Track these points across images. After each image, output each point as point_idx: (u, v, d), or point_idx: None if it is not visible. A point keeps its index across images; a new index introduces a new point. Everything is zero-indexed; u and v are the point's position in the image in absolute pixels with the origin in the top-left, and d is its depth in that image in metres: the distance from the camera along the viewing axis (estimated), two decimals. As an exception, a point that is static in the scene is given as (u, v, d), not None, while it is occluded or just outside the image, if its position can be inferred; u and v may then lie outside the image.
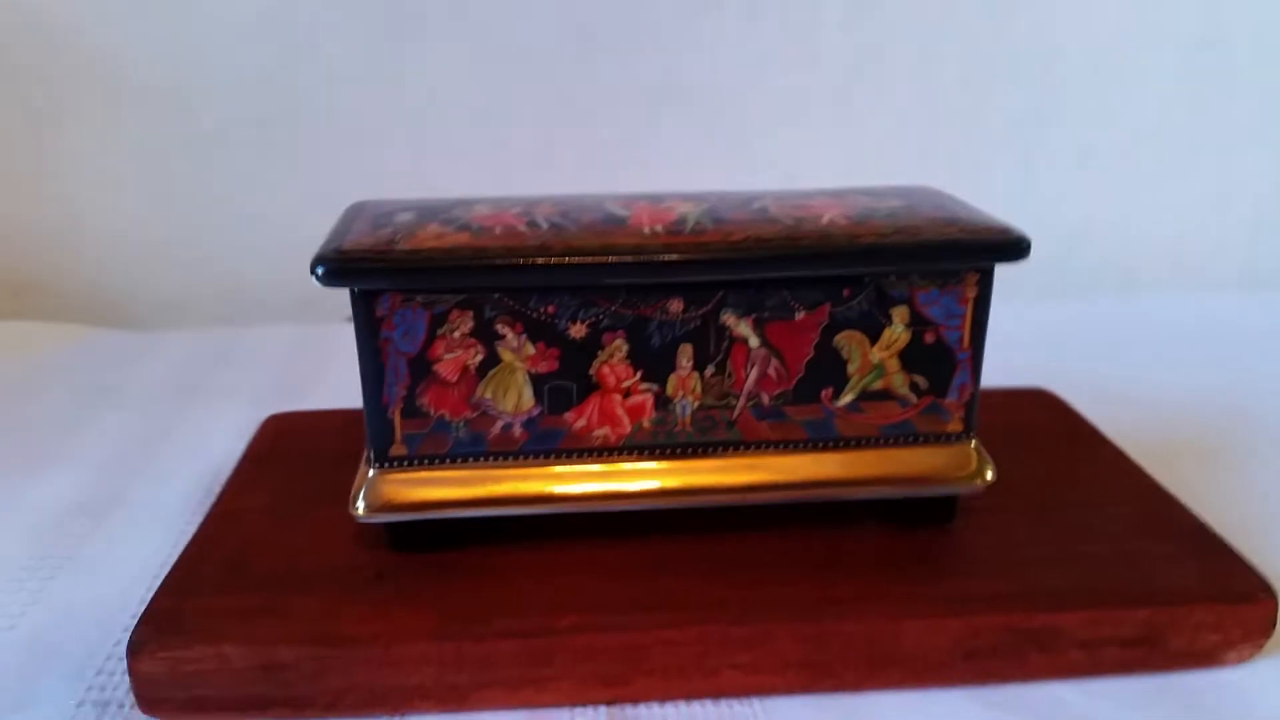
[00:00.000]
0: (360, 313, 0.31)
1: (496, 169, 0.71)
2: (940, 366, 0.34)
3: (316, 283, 0.30)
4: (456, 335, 0.31)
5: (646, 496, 0.33)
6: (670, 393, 0.33)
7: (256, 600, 0.31)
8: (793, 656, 0.31)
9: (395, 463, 0.33)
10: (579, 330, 0.32)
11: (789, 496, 0.34)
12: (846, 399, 0.33)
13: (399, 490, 0.33)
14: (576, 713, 0.31)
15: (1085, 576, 0.33)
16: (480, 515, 0.33)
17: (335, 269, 0.30)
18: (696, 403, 0.33)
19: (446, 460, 0.33)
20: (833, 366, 0.33)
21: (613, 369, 0.32)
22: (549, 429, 0.33)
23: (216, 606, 0.31)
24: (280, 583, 0.32)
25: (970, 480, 0.34)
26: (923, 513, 0.36)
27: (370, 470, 0.33)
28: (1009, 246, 0.32)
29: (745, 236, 0.31)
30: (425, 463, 0.33)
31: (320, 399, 0.49)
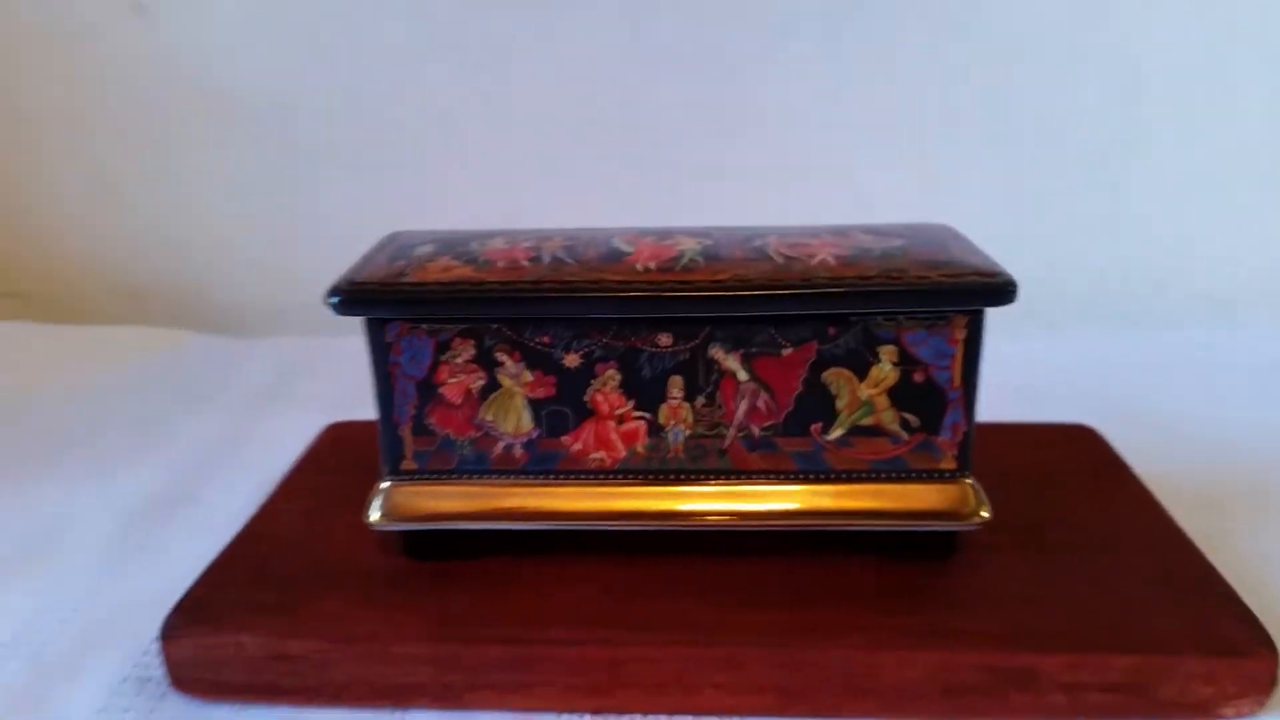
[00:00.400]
0: (372, 339, 0.34)
1: (572, 193, 0.74)
2: (931, 405, 0.34)
3: (330, 311, 0.33)
4: (459, 361, 0.34)
5: (638, 518, 0.35)
6: (662, 421, 0.34)
7: (276, 596, 0.35)
8: (767, 681, 0.32)
9: (406, 476, 0.35)
10: (573, 360, 0.34)
11: (778, 525, 0.35)
12: (836, 433, 0.34)
13: (409, 501, 0.35)
14: (563, 719, 0.33)
15: (1072, 619, 0.33)
16: (483, 528, 0.35)
17: (347, 299, 0.33)
18: (688, 431, 0.35)
19: (453, 475, 0.35)
20: (822, 401, 0.34)
21: (606, 397, 0.34)
22: (547, 451, 0.35)
23: (241, 599, 0.34)
24: (301, 581, 0.35)
25: (963, 518, 0.35)
26: (919, 548, 0.36)
27: (384, 482, 0.36)
28: (993, 291, 0.32)
29: (730, 276, 0.33)
30: (433, 477, 0.35)
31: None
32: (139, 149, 0.78)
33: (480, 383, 0.34)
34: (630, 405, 0.34)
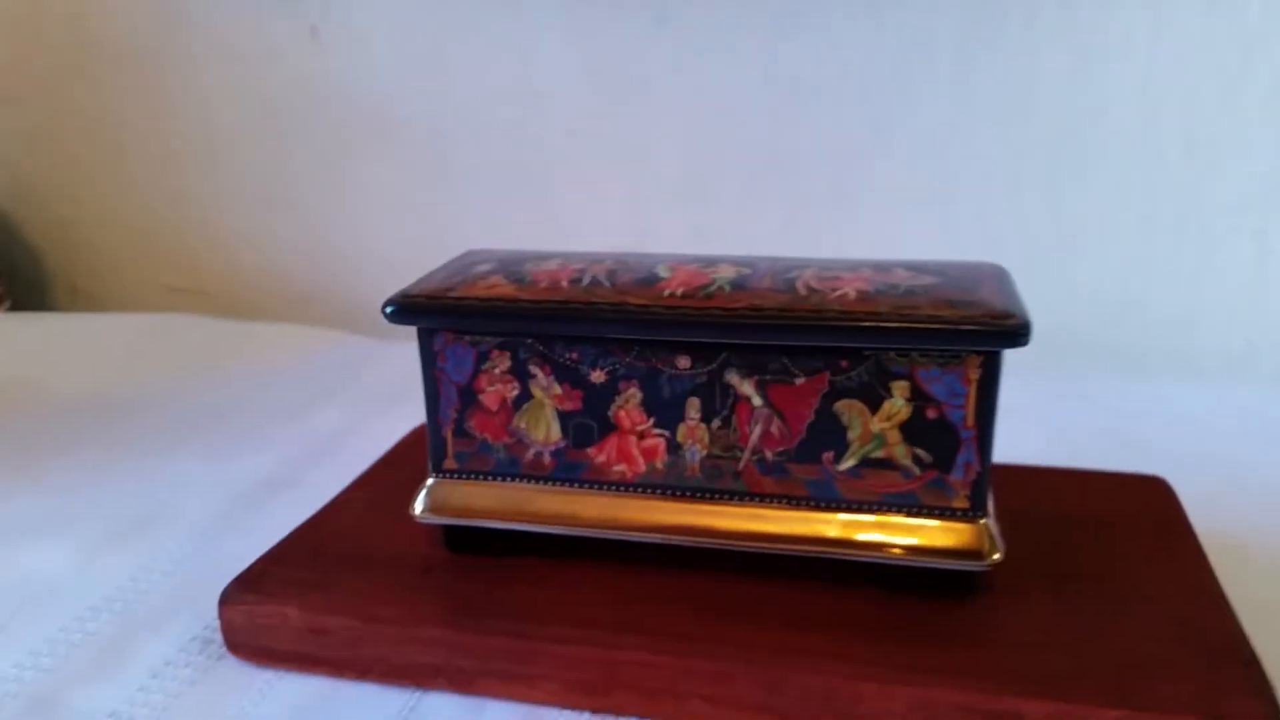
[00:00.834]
0: (422, 346, 0.37)
1: (702, 221, 0.76)
2: (944, 442, 0.34)
3: (385, 320, 0.36)
4: (497, 371, 0.37)
5: (653, 530, 0.37)
6: (680, 440, 0.36)
7: (323, 575, 0.38)
8: (753, 698, 0.33)
9: (448, 474, 0.38)
10: (598, 376, 0.36)
11: (787, 549, 0.36)
12: (848, 464, 0.35)
13: (448, 498, 0.38)
14: (564, 714, 0.35)
15: (1069, 667, 0.33)
16: (511, 528, 0.38)
17: (399, 309, 0.36)
18: (705, 451, 0.36)
19: (488, 477, 0.38)
20: (833, 431, 0.35)
21: (628, 413, 0.36)
22: (573, 460, 0.37)
23: (292, 576, 0.38)
24: (347, 563, 0.39)
25: (973, 558, 0.35)
26: (934, 585, 0.36)
27: (429, 479, 0.39)
28: (1003, 334, 0.32)
29: (746, 305, 0.34)
30: (471, 477, 0.38)
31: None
32: (310, 164, 0.86)
33: (515, 392, 0.37)
34: (651, 423, 0.36)
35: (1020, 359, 0.71)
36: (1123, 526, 0.42)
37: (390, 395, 0.67)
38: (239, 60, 0.84)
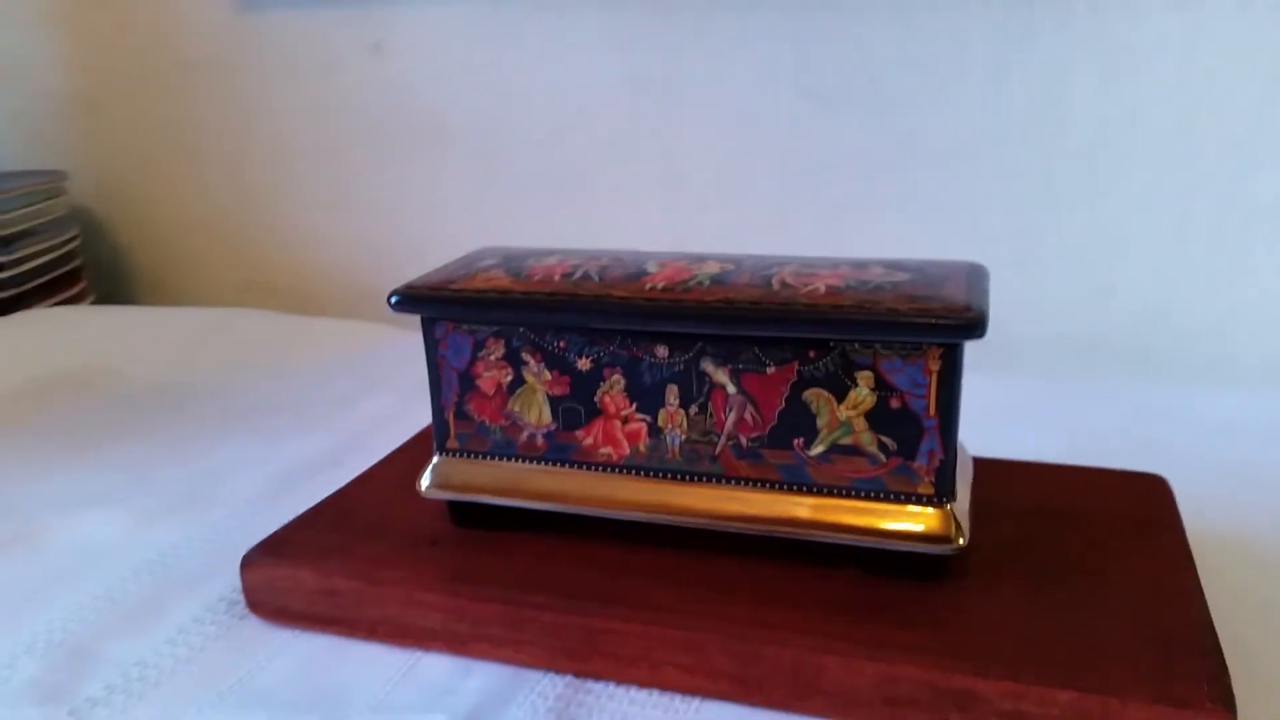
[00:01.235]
0: (425, 334, 0.40)
1: (736, 224, 0.78)
2: (907, 431, 0.36)
3: (389, 309, 0.39)
4: (492, 358, 0.39)
5: (637, 509, 0.39)
6: (661, 424, 0.38)
7: (337, 541, 0.41)
8: (724, 667, 0.36)
9: (450, 453, 0.41)
10: (584, 364, 0.38)
11: (759, 530, 0.38)
12: (817, 450, 0.37)
13: (450, 475, 0.41)
14: (548, 676, 0.38)
15: (1026, 650, 0.34)
16: (506, 504, 0.41)
17: (403, 299, 0.39)
18: (684, 436, 0.38)
19: (486, 456, 0.41)
20: (803, 419, 0.37)
21: (612, 399, 0.39)
22: (563, 442, 0.40)
23: (310, 542, 0.42)
24: (362, 533, 0.42)
25: (938, 543, 0.36)
26: (905, 568, 0.38)
27: (435, 457, 0.42)
28: (957, 327, 0.34)
29: (719, 298, 0.36)
30: (471, 456, 0.41)
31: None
32: (370, 169, 0.90)
33: (509, 378, 0.40)
34: (633, 408, 0.39)
35: (1049, 362, 0.72)
36: (1111, 521, 0.42)
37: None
38: (306, 72, 0.88)
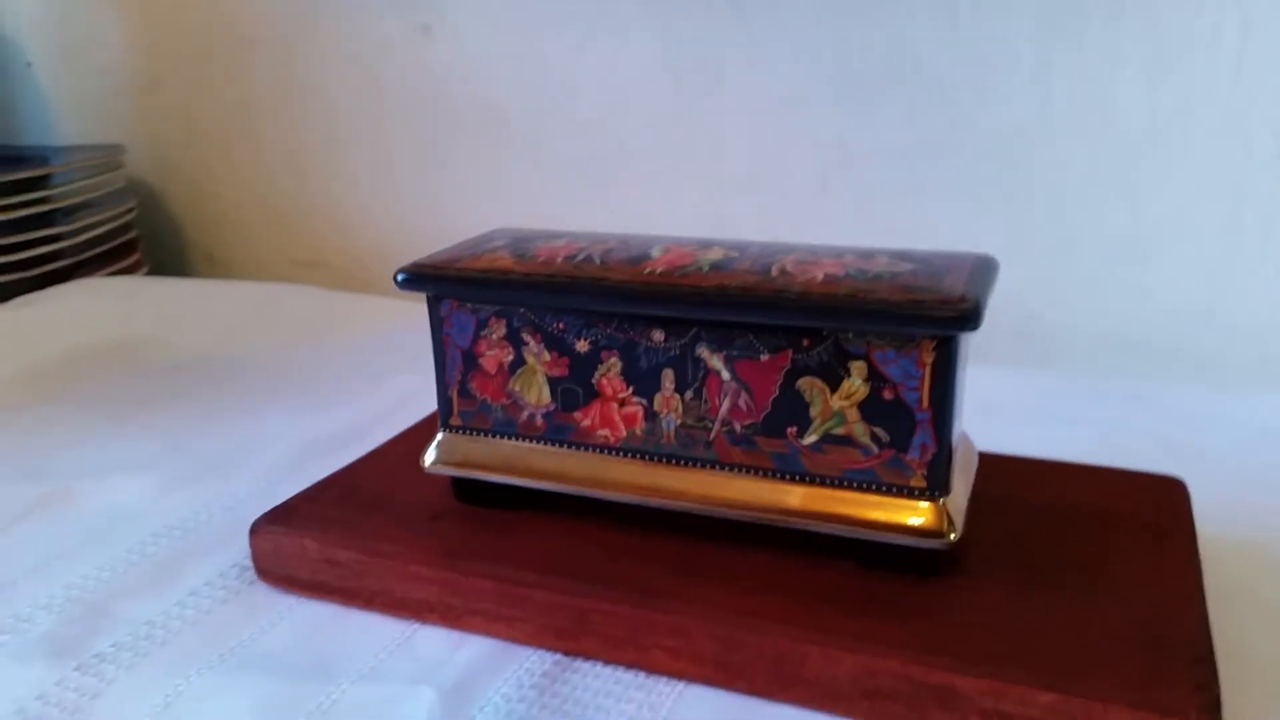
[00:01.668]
0: (430, 312, 0.41)
1: (774, 211, 0.78)
2: (900, 423, 0.36)
3: (396, 287, 0.40)
4: (494, 338, 0.40)
5: (632, 491, 0.39)
6: (657, 409, 0.39)
7: (342, 514, 0.42)
8: (709, 652, 0.36)
9: (453, 430, 0.42)
10: (583, 345, 0.39)
11: (751, 517, 0.38)
12: (810, 439, 0.37)
13: (452, 451, 0.42)
14: (538, 653, 0.38)
15: (1013, 650, 0.34)
16: (506, 482, 0.41)
17: (409, 278, 0.40)
18: (679, 420, 0.38)
19: (488, 434, 0.41)
20: (797, 407, 0.37)
21: (609, 381, 0.39)
22: (562, 423, 0.40)
23: (316, 513, 0.43)
24: (368, 506, 0.43)
25: (928, 537, 0.36)
26: (898, 562, 0.38)
27: (439, 434, 0.42)
28: (949, 319, 0.33)
29: (713, 284, 0.36)
30: (473, 433, 0.42)
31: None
32: (419, 150, 0.91)
33: (510, 358, 0.40)
34: (630, 391, 0.39)
35: (1087, 359, 0.70)
36: (1119, 522, 0.42)
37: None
38: (357, 53, 0.90)
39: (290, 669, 0.37)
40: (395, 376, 0.69)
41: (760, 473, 0.38)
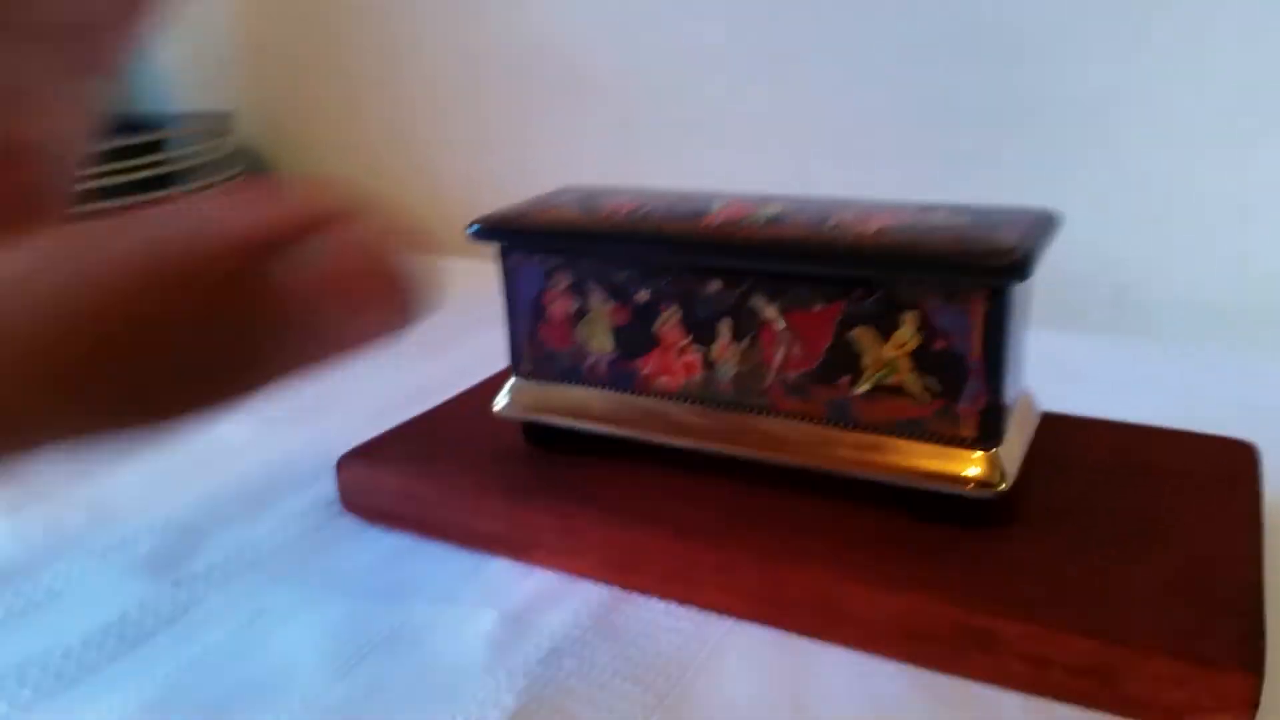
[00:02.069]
0: (501, 263, 0.43)
1: (854, 172, 0.78)
2: (952, 373, 0.36)
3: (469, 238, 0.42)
4: (560, 288, 0.42)
5: (689, 435, 0.41)
6: (714, 357, 0.40)
7: (422, 450, 0.45)
8: (753, 589, 0.37)
9: (524, 377, 0.44)
10: (643, 296, 0.40)
11: (802, 463, 0.39)
12: (863, 388, 0.38)
13: (522, 397, 0.44)
14: (597, 586, 0.40)
15: (1054, 595, 0.34)
16: (571, 426, 0.43)
17: (481, 230, 0.42)
18: (735, 369, 0.40)
19: (555, 380, 0.43)
20: (849, 356, 0.38)
21: (669, 330, 0.40)
22: (624, 371, 0.42)
23: (399, 450, 0.45)
24: (446, 445, 0.46)
25: (978, 487, 0.37)
26: (951, 512, 0.38)
27: (510, 380, 0.45)
28: (999, 270, 0.34)
29: (766, 236, 0.37)
30: (541, 380, 0.44)
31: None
32: (512, 114, 0.94)
33: (575, 307, 0.42)
34: (689, 340, 0.40)
35: (1180, 325, 0.69)
36: (1182, 481, 0.41)
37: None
38: (452, 15, 0.93)
39: (367, 590, 0.40)
40: (483, 332, 0.71)
41: (813, 420, 0.39)
